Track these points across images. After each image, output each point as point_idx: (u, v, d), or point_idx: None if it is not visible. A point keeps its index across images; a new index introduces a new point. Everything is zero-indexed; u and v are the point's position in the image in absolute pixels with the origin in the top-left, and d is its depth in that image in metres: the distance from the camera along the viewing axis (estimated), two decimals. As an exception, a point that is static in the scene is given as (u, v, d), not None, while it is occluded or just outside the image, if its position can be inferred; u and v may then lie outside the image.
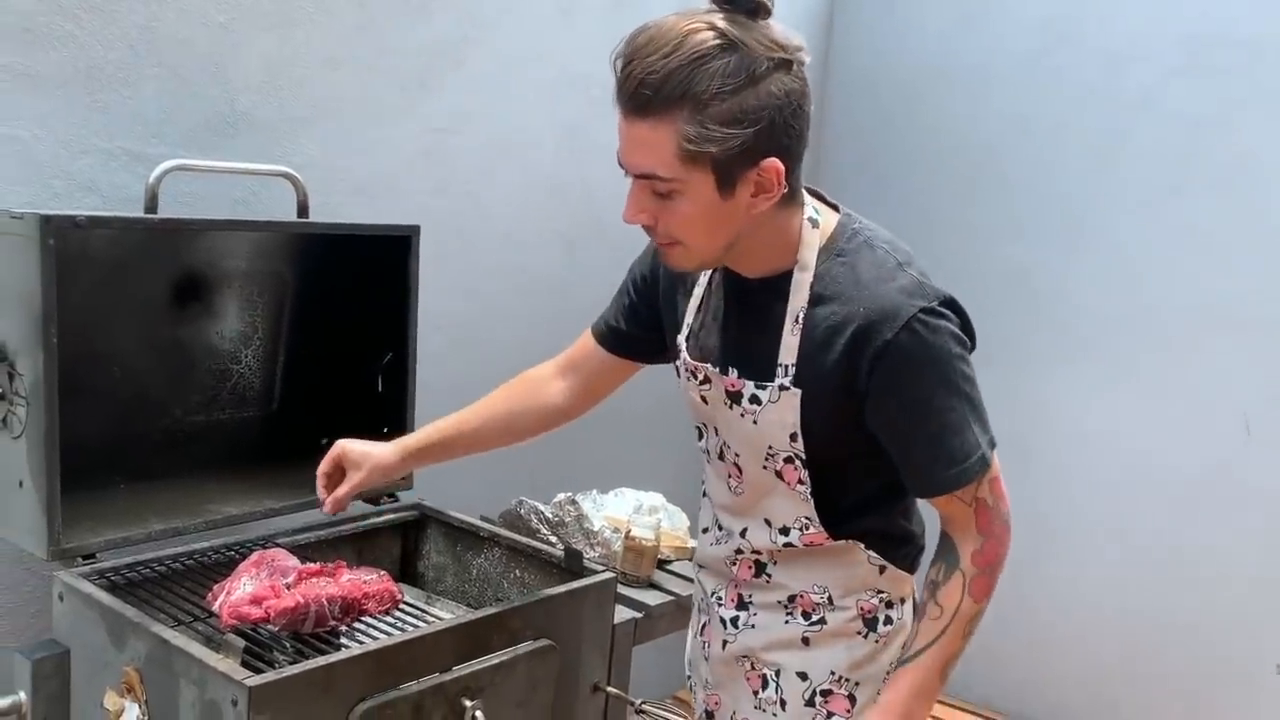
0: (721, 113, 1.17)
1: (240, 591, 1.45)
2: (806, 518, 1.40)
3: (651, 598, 1.92)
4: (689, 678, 1.66)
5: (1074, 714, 2.84)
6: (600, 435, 2.66)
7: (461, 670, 1.47)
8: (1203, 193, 2.60)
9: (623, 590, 1.88)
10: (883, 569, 1.43)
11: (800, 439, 1.34)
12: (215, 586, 1.51)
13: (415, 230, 1.90)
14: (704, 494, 1.58)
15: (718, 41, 1.18)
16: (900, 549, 1.45)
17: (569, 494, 2.01)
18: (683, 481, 2.81)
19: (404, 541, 1.96)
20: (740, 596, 1.50)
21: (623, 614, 1.82)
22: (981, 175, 2.84)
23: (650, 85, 1.18)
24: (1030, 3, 2.81)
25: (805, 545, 1.41)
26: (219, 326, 1.89)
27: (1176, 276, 2.64)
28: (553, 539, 1.96)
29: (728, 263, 1.36)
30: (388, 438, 1.95)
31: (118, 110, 1.78)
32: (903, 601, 1.47)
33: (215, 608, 1.47)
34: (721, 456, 1.46)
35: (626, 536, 1.93)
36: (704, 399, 1.43)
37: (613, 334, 1.61)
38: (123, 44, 1.77)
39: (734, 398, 1.38)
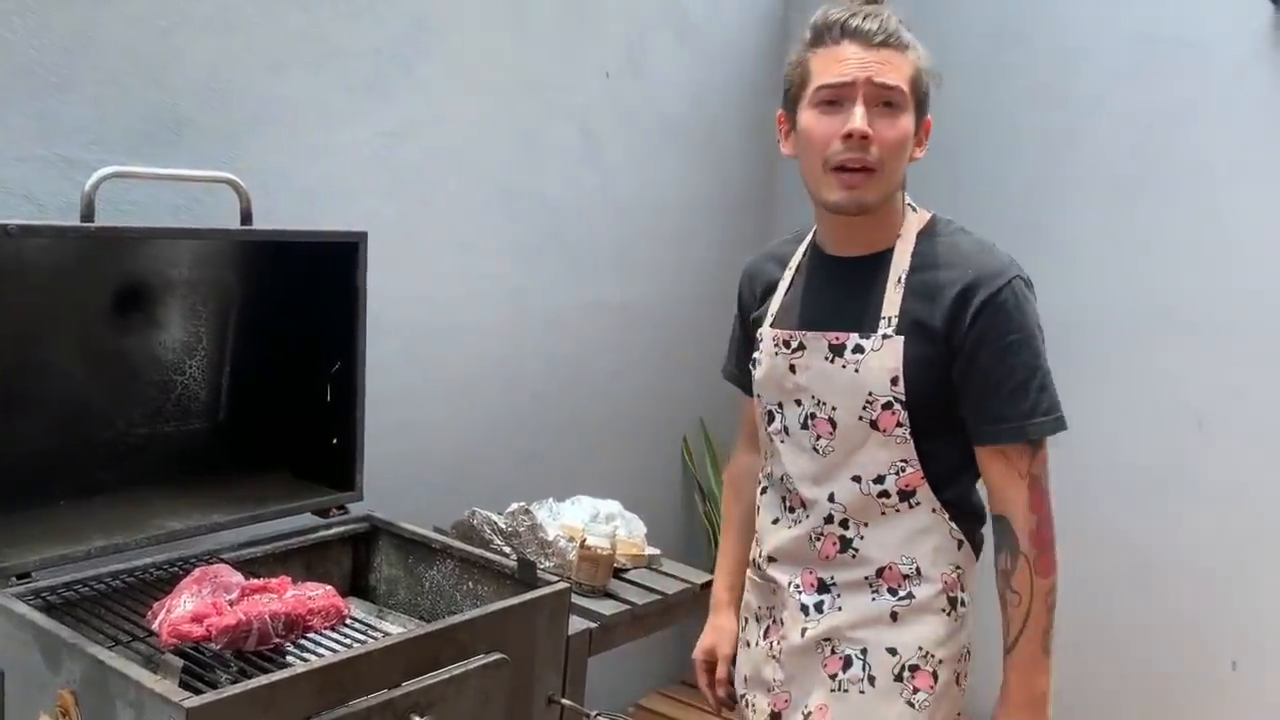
0: (929, 69, 1.48)
1: (180, 609, 1.41)
2: (903, 460, 1.48)
3: (607, 607, 1.89)
4: (743, 696, 1.69)
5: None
6: (557, 443, 2.64)
7: (410, 686, 1.43)
8: (1156, 193, 2.62)
9: (578, 600, 1.86)
10: (960, 544, 1.53)
11: (901, 383, 1.45)
12: (155, 604, 1.47)
13: (362, 237, 1.87)
14: (763, 489, 1.66)
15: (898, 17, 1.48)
16: (973, 527, 1.55)
17: (522, 504, 1.98)
18: (640, 489, 2.80)
19: (355, 554, 1.92)
20: (821, 581, 1.56)
21: (578, 624, 1.80)
22: (933, 175, 2.84)
23: (891, 26, 1.44)
24: (982, 3, 2.82)
25: (900, 490, 1.49)
26: (163, 336, 1.85)
27: (1130, 276, 2.66)
28: (506, 549, 1.94)
29: (873, 217, 1.48)
30: (336, 449, 1.93)
31: (54, 117, 1.73)
32: (969, 585, 1.55)
33: (155, 627, 1.43)
34: (805, 424, 1.54)
35: (581, 546, 1.91)
36: (793, 367, 1.54)
37: (747, 375, 1.69)
38: (57, 49, 1.72)
39: (837, 350, 1.49)
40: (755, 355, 1.62)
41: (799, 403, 1.55)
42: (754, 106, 3.04)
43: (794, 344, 1.54)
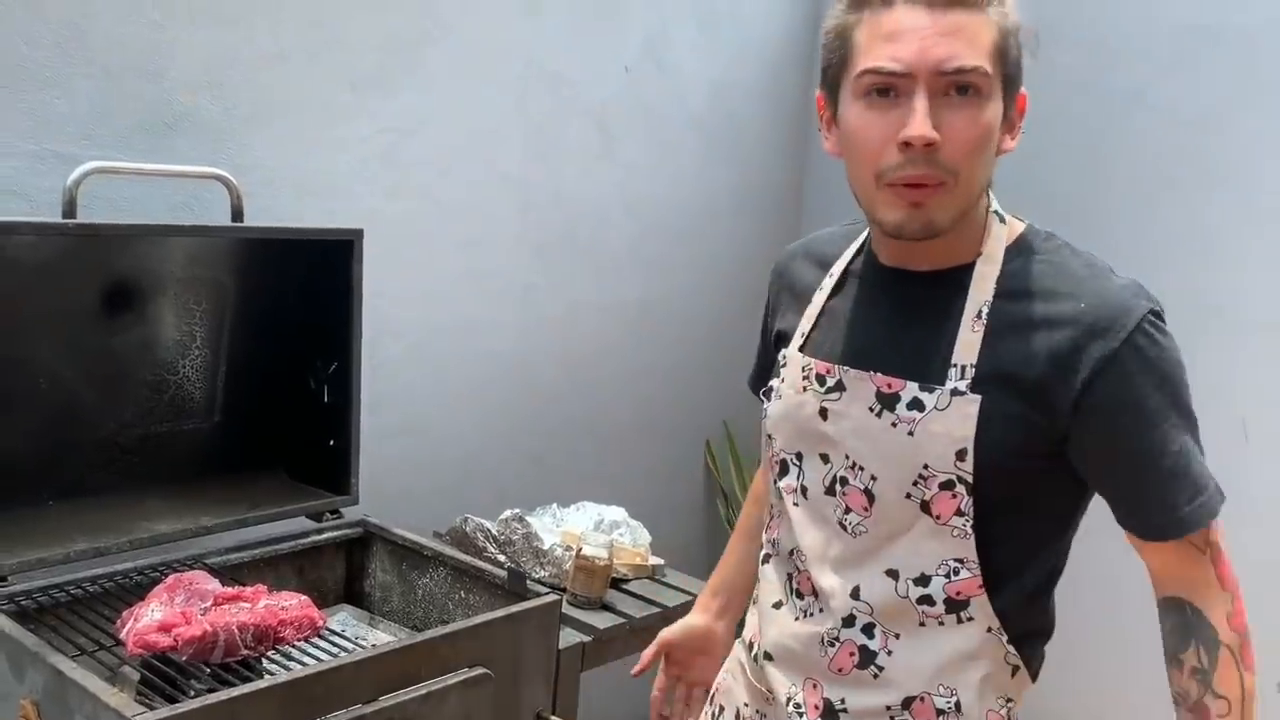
0: (1017, 26, 1.11)
1: (148, 618, 1.37)
2: (958, 560, 1.13)
3: (602, 620, 1.83)
4: None
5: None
6: (570, 447, 2.58)
7: (386, 701, 1.38)
8: (1199, 191, 2.50)
9: (571, 612, 1.79)
10: (1015, 670, 1.17)
11: (970, 457, 1.09)
12: (125, 612, 1.43)
13: (358, 234, 1.82)
14: (765, 558, 1.31)
15: None
16: (1035, 645, 1.20)
17: (516, 510, 1.92)
18: (660, 494, 2.73)
19: (349, 560, 1.88)
20: (828, 703, 1.19)
21: (570, 637, 1.74)
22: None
23: None
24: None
25: (949, 598, 1.14)
26: (155, 335, 1.82)
27: (1172, 277, 2.53)
28: (500, 558, 1.88)
29: (918, 243, 1.14)
30: (333, 450, 1.89)
31: (46, 111, 1.71)
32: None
33: (123, 635, 1.39)
34: (832, 489, 1.18)
35: (577, 555, 1.85)
36: (824, 412, 1.18)
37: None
38: (50, 42, 1.70)
39: (886, 402, 1.13)
40: (774, 383, 1.26)
41: (826, 459, 1.19)
42: (781, 101, 2.95)
43: (830, 381, 1.18)
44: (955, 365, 1.11)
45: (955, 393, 1.10)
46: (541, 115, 2.40)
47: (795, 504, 1.23)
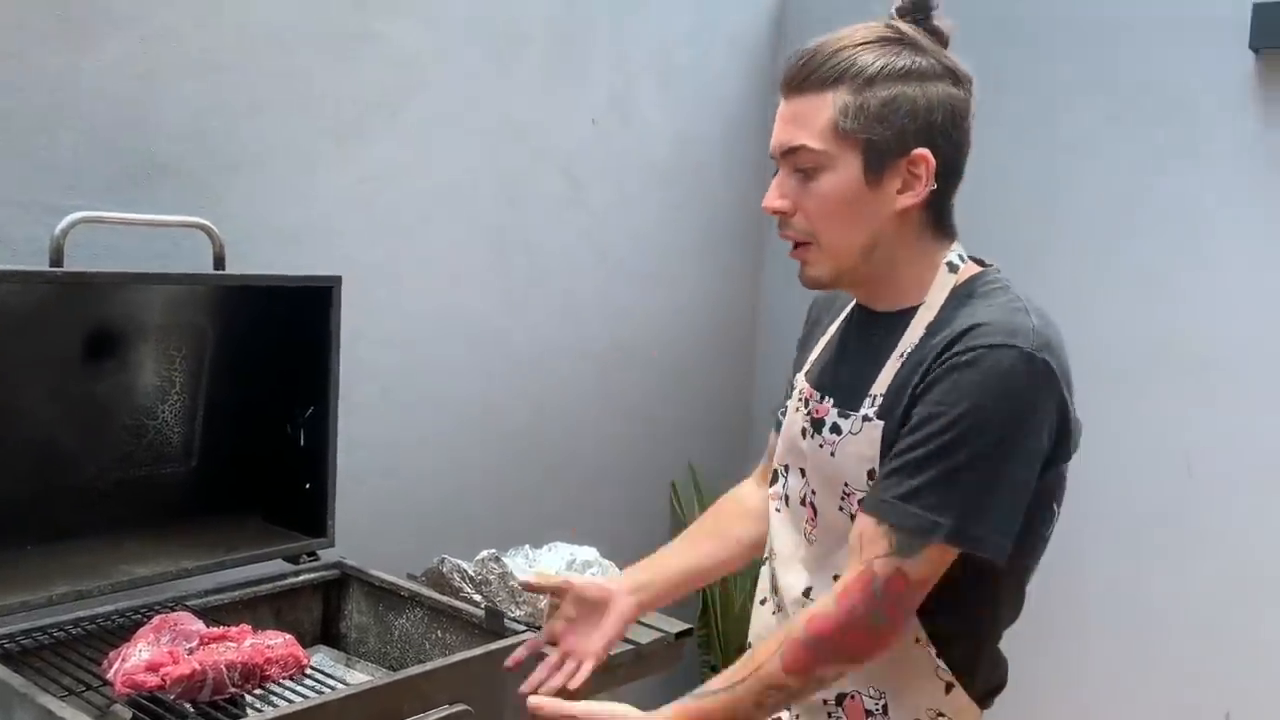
0: (882, 96, 1.17)
1: (136, 658, 1.40)
2: None
3: (577, 657, 1.86)
4: None
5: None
6: (540, 489, 2.62)
7: (369, 738, 1.41)
8: (1143, 237, 2.61)
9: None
10: (949, 686, 1.23)
11: (877, 476, 1.20)
12: (112, 653, 1.45)
13: (337, 281, 1.87)
14: (765, 557, 1.42)
15: (891, 34, 1.21)
16: (973, 672, 1.25)
17: (492, 551, 1.96)
18: (626, 535, 2.77)
19: (325, 601, 1.90)
20: None
21: (547, 674, 1.77)
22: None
23: (814, 63, 1.19)
24: (971, 51, 2.83)
25: None
26: (135, 381, 1.84)
27: (1119, 316, 2.64)
28: (477, 598, 1.91)
29: (863, 287, 1.28)
30: (309, 494, 1.92)
31: (31, 161, 1.74)
32: None
33: (109, 676, 1.41)
34: (804, 500, 1.32)
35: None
36: (804, 431, 1.31)
37: None
38: (37, 92, 1.74)
39: (816, 425, 1.28)
40: (787, 403, 1.40)
41: (803, 473, 1.33)
42: (741, 152, 3.05)
43: (812, 404, 1.32)
44: (871, 395, 1.23)
45: (865, 419, 1.22)
46: (512, 165, 2.47)
47: (777, 509, 1.38)
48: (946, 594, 1.19)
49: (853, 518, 1.23)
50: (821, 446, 1.26)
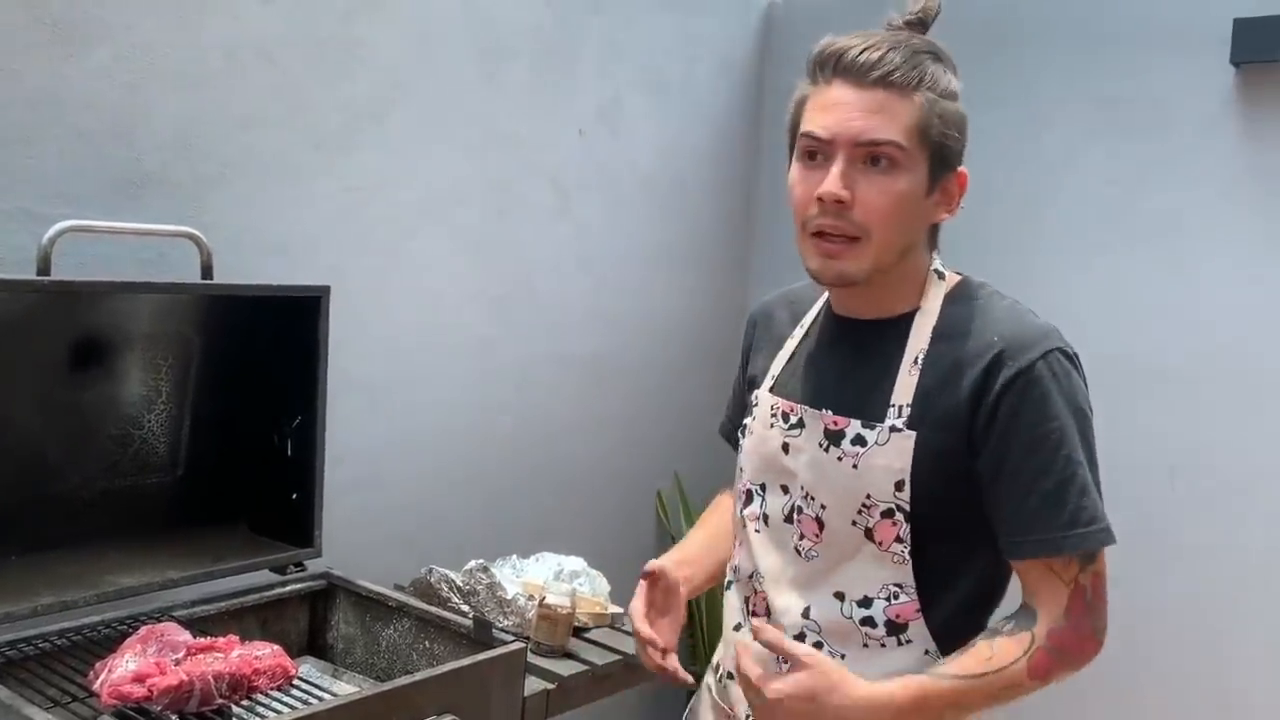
0: (951, 109, 1.24)
1: (122, 669, 1.39)
2: (897, 585, 1.24)
3: (565, 668, 1.86)
4: None
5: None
6: (526, 498, 2.62)
7: (357, 749, 1.41)
8: (1125, 249, 2.63)
9: (536, 660, 1.83)
10: None
11: (907, 488, 1.21)
12: (98, 664, 1.44)
13: (325, 291, 1.87)
14: (729, 584, 1.41)
15: (943, 51, 1.26)
16: None
17: (480, 561, 1.96)
18: (611, 544, 2.77)
19: (312, 612, 1.90)
20: None
21: (535, 685, 1.77)
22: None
23: (893, 61, 1.20)
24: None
25: (889, 620, 1.24)
26: (121, 390, 1.84)
27: (1101, 330, 2.66)
28: (464, 608, 1.91)
29: (872, 289, 1.27)
30: (295, 505, 1.92)
31: (17, 171, 1.74)
32: None
33: (96, 687, 1.40)
34: (790, 518, 1.30)
35: (540, 604, 1.89)
36: (787, 447, 1.31)
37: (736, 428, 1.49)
38: (23, 103, 1.73)
39: (833, 438, 1.26)
40: (747, 421, 1.39)
41: (786, 490, 1.32)
42: (728, 163, 3.06)
43: (793, 419, 1.31)
44: (894, 405, 1.24)
45: (893, 429, 1.23)
46: (500, 176, 2.48)
47: (757, 530, 1.36)
48: (945, 599, 1.24)
49: (868, 531, 1.24)
50: (841, 459, 1.25)
